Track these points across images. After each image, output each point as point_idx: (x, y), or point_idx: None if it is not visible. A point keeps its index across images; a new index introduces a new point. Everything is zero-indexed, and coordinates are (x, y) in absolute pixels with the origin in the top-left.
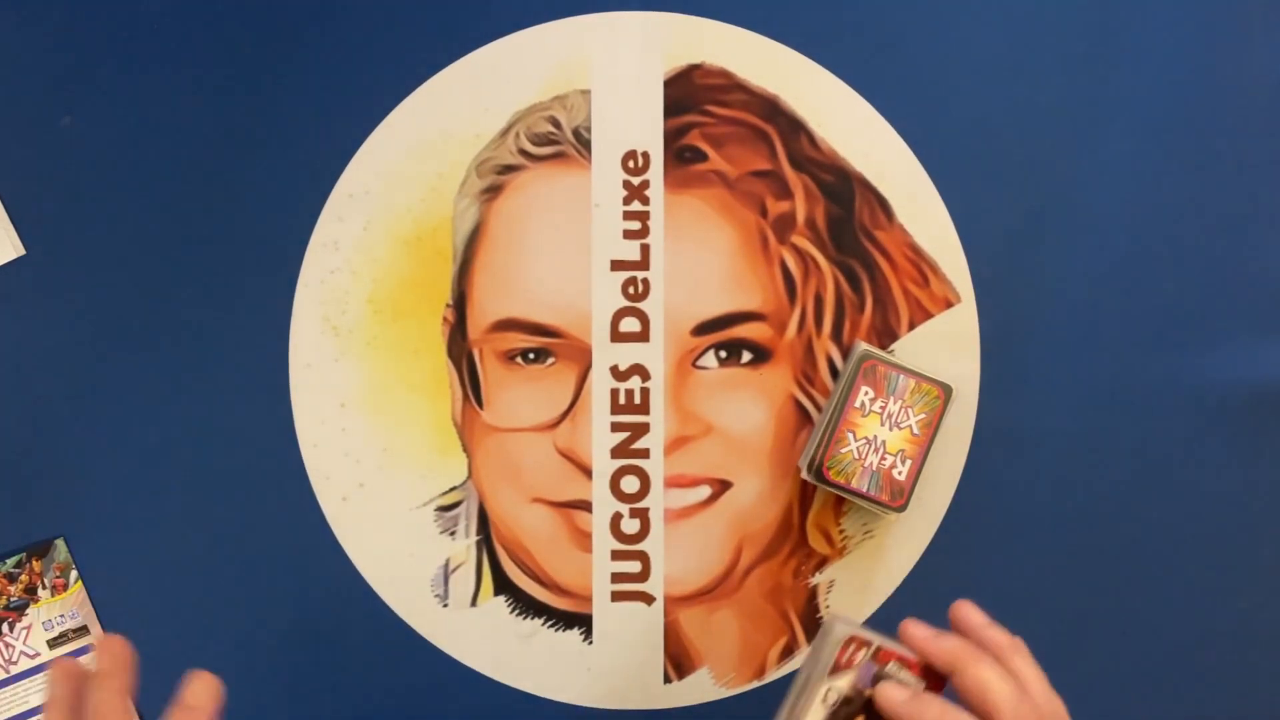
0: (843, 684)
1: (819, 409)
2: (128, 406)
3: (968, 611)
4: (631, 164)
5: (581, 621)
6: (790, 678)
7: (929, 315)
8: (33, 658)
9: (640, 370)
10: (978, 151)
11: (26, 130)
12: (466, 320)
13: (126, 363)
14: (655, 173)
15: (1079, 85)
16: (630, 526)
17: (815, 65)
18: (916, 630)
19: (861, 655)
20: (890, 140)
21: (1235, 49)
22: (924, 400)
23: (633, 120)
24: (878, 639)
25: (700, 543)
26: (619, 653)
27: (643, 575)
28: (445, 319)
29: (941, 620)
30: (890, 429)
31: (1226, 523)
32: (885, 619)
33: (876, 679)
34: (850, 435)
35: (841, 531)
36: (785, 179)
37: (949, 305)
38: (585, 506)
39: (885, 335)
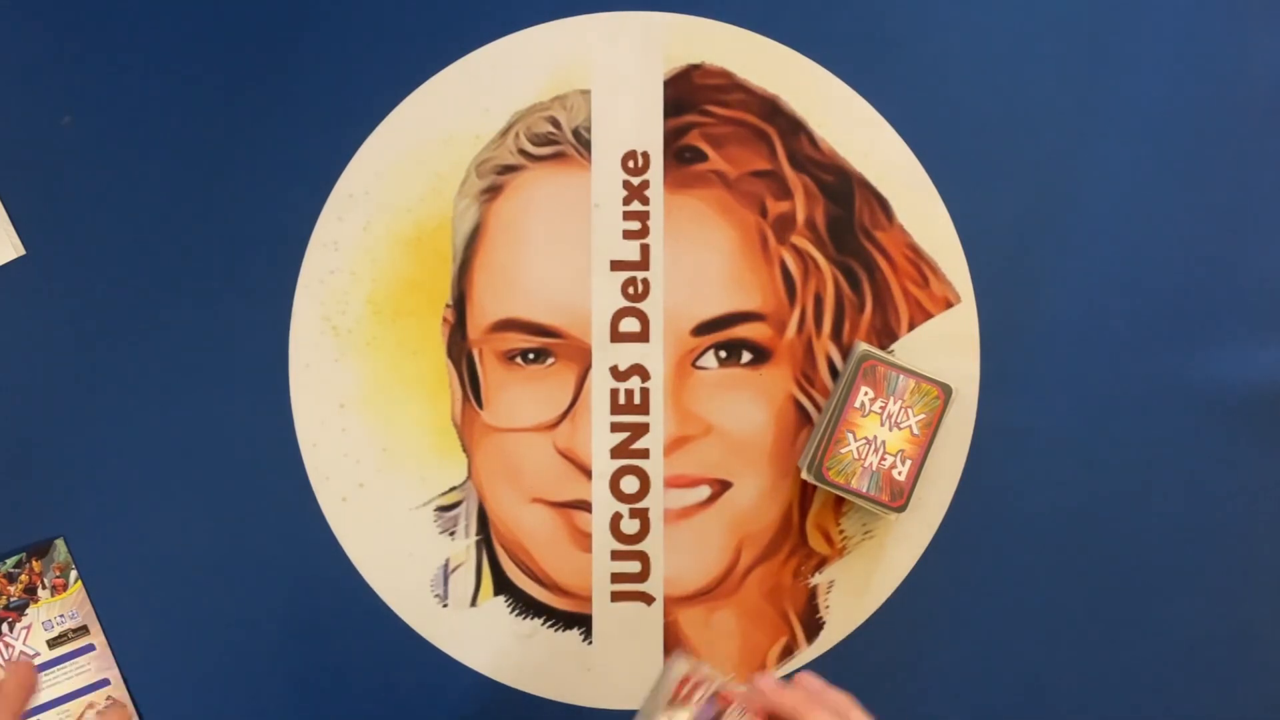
0: (682, 717)
1: (819, 409)
2: (128, 406)
3: (810, 678)
4: (631, 164)
5: (581, 621)
6: (790, 678)
7: (929, 315)
8: (33, 658)
9: (640, 370)
10: (978, 151)
11: (26, 130)
12: (466, 320)
13: (126, 362)
14: (655, 173)
15: (1079, 85)
16: (630, 526)
17: (815, 65)
18: (765, 680)
19: (700, 693)
20: (890, 140)
21: (1235, 49)
22: (924, 400)
23: (633, 120)
24: (720, 681)
25: (700, 543)
26: (619, 653)
27: (643, 575)
28: (445, 319)
29: (939, 622)
30: (890, 429)
31: (1226, 523)
32: (886, 619)
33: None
34: (850, 435)
35: (841, 531)
36: (785, 179)
37: (949, 305)
38: (585, 506)
39: (885, 335)
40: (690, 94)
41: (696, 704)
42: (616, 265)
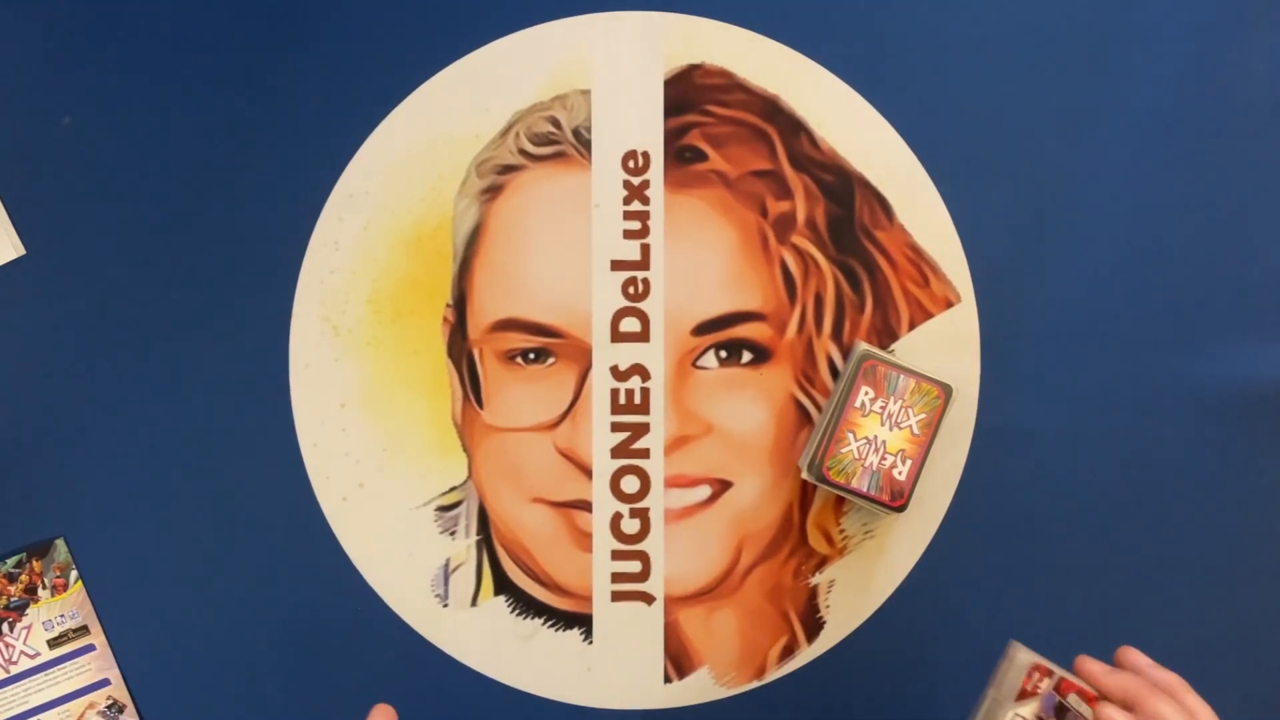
0: (1027, 712)
1: (819, 409)
2: (128, 406)
3: (1135, 654)
4: (631, 164)
5: (581, 621)
6: (791, 677)
7: (929, 315)
8: (33, 658)
9: (640, 370)
10: (978, 151)
11: (26, 130)
12: (466, 320)
13: (127, 363)
14: (655, 173)
15: (1079, 85)
16: (630, 526)
17: (815, 65)
18: (1093, 666)
19: (1045, 684)
20: (890, 140)
21: (1235, 49)
22: (924, 400)
23: (633, 120)
24: (1059, 670)
25: (700, 543)
26: (619, 653)
27: (643, 575)
28: (445, 319)
29: (939, 622)
30: (890, 429)
31: (1226, 523)
32: (886, 619)
33: (1058, 709)
34: (850, 435)
35: (841, 531)
36: (785, 179)
37: (949, 305)
38: (585, 506)
39: (885, 335)
40: (690, 94)
41: (1042, 696)
42: (617, 265)
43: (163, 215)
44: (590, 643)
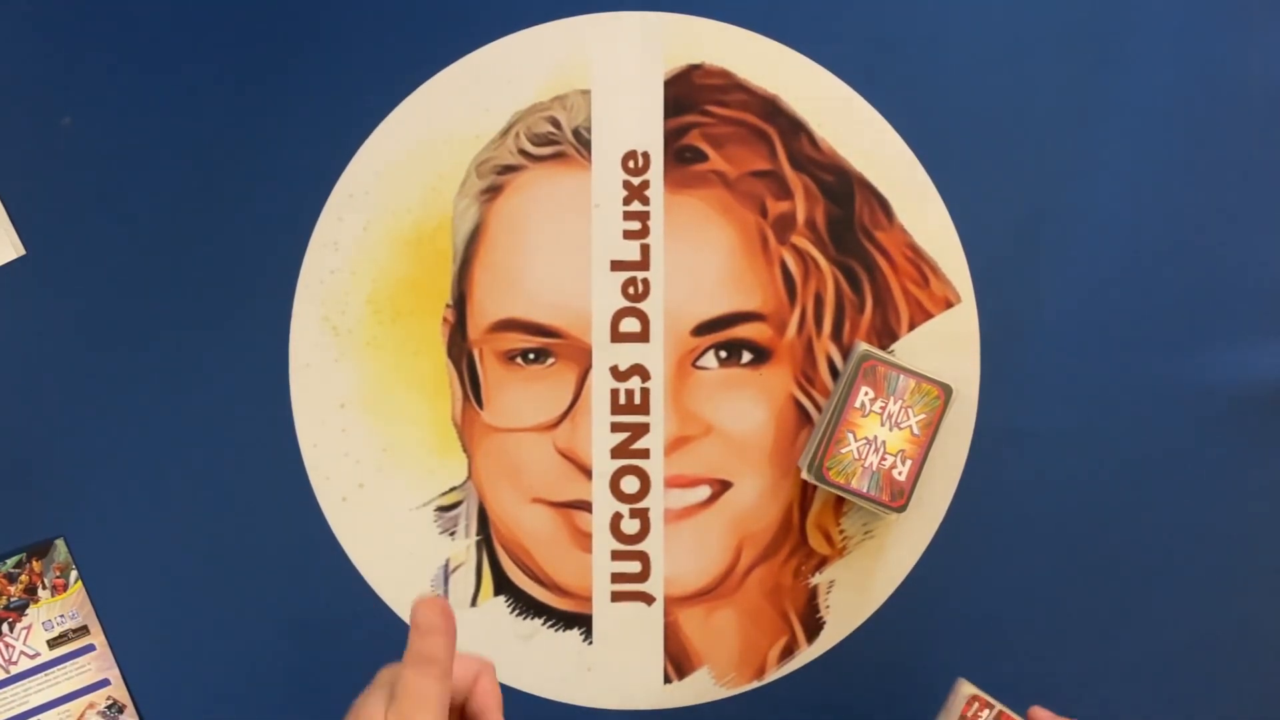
0: None
1: (819, 409)
2: (128, 406)
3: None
4: (631, 164)
5: (581, 621)
6: (791, 677)
7: (929, 315)
8: (33, 658)
9: (640, 370)
10: (978, 152)
11: (26, 130)
12: (466, 320)
13: (127, 362)
14: (655, 173)
15: (1079, 85)
16: (630, 527)
17: (815, 65)
18: (1043, 715)
19: (985, 715)
20: (890, 140)
21: (1235, 49)
22: (924, 400)
23: (633, 120)
24: (999, 706)
25: (700, 543)
26: (619, 653)
27: (643, 575)
28: (445, 319)
29: (939, 622)
30: (890, 429)
31: (1226, 523)
32: (886, 619)
33: None
34: (850, 435)
35: (841, 531)
36: (785, 179)
37: (949, 305)
38: (585, 507)
39: (885, 335)
40: (690, 94)
41: None
42: (616, 265)
43: (163, 215)
44: (590, 643)
